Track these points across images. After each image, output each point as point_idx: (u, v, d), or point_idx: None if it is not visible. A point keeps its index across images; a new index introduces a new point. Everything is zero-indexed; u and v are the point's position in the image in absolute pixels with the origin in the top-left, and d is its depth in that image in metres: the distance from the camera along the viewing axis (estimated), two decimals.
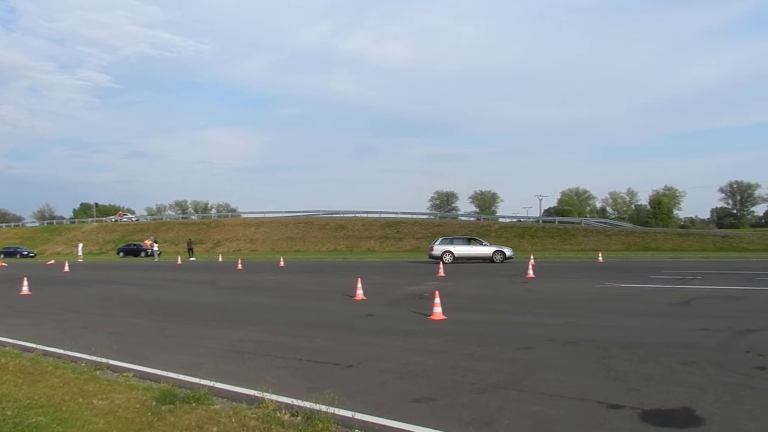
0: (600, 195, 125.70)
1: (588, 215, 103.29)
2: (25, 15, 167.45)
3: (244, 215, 77.25)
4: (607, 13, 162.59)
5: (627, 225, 63.93)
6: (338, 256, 47.23)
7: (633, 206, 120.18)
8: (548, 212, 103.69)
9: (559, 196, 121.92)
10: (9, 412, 5.32)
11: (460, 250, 31.80)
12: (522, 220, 65.17)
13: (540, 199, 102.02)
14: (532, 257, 28.48)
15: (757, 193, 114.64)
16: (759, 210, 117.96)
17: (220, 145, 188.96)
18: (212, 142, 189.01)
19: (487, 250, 31.87)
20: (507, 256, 31.37)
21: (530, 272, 20.48)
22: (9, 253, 60.39)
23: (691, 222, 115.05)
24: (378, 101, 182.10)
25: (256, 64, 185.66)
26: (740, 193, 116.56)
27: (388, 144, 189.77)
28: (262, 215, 71.20)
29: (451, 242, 33.00)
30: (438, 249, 32.04)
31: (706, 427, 4.66)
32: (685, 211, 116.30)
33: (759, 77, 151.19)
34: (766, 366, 6.56)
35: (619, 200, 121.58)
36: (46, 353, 8.37)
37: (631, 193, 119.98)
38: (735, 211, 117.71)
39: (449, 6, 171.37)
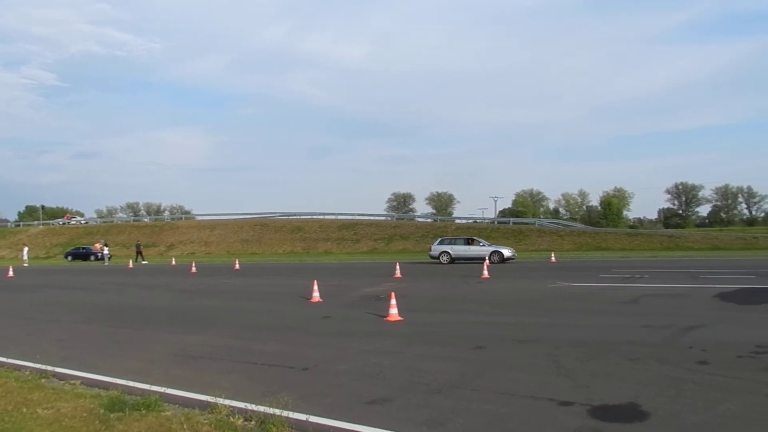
0: (553, 196, 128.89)
1: (541, 216, 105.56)
2: None
3: (199, 217, 75.93)
4: (556, 19, 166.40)
5: (579, 225, 65.56)
6: (295, 258, 46.89)
7: (584, 207, 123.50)
8: (503, 213, 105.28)
9: (513, 198, 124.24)
10: None
11: (458, 250, 31.35)
12: (478, 221, 65.99)
13: (495, 201, 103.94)
14: (487, 258, 28.87)
15: (701, 194, 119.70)
16: (703, 210, 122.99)
17: (174, 145, 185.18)
18: (166, 143, 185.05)
19: (484, 250, 30.68)
20: (506, 256, 30.16)
21: (485, 273, 20.77)
22: None
23: (640, 222, 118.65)
24: (335, 102, 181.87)
25: (211, 64, 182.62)
26: (685, 194, 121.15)
27: (345, 145, 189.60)
28: (217, 217, 70.14)
29: (452, 243, 32.60)
30: (436, 249, 31.84)
31: (650, 421, 4.82)
32: (633, 211, 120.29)
33: (699, 83, 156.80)
34: (708, 361, 6.83)
35: (571, 201, 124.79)
36: None
37: (583, 195, 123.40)
38: (681, 212, 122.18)
39: (405, 9, 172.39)
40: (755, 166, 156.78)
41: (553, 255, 32.92)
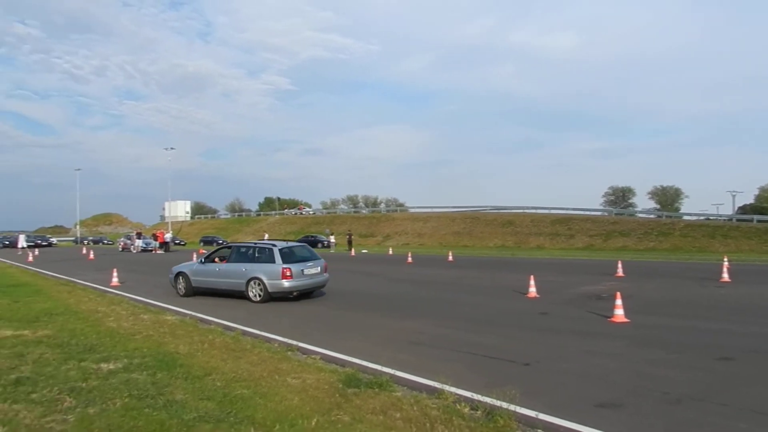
0: None
1: None
2: (218, 28, 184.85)
3: (412, 210, 78.97)
4: None
5: None
6: (506, 252, 46.46)
7: None
8: (743, 210, 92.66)
9: (756, 192, 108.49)
10: (218, 383, 5.99)
11: None
12: (711, 218, 59.03)
13: (733, 196, 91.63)
14: (725, 259, 25.64)
15: None
16: None
17: (386, 141, 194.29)
18: (379, 139, 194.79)
19: None
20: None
21: (725, 275, 18.48)
22: (207, 242, 68.05)
23: None
24: (540, 93, 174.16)
25: (419, 62, 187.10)
26: None
27: (553, 138, 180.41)
28: (429, 210, 72.28)
29: None
30: None
31: None
32: None
33: None
34: None
35: None
36: (244, 333, 9.28)
37: None
38: None
39: None
40: None
41: None
